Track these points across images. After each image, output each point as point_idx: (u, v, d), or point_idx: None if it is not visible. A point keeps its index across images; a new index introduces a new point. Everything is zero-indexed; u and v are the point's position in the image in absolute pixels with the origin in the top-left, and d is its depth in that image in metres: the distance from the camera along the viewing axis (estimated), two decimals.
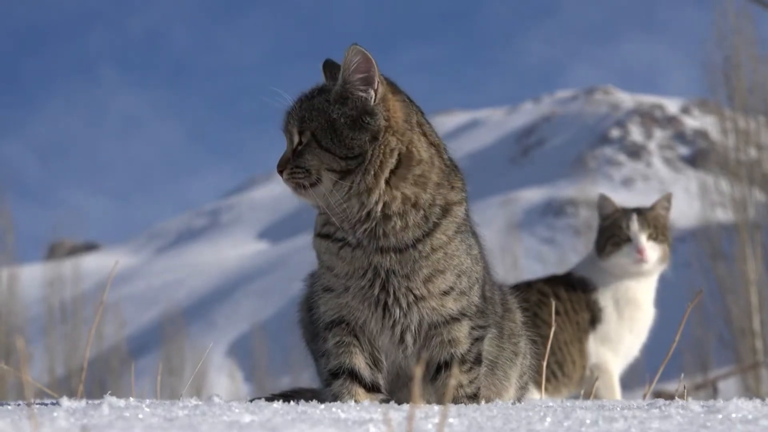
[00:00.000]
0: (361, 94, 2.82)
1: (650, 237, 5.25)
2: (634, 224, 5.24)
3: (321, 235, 2.92)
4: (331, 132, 2.81)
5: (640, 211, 5.33)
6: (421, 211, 2.84)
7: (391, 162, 2.81)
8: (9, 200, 30.11)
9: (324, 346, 2.95)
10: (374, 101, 2.82)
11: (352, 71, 2.82)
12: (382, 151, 2.80)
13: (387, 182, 2.81)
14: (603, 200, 5.40)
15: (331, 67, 2.99)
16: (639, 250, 5.20)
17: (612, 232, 5.27)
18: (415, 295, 2.87)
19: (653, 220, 5.31)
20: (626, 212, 5.32)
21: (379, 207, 2.81)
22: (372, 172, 2.79)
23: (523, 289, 5.20)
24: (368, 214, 2.81)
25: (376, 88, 2.82)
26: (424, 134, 2.90)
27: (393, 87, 2.89)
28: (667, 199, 5.42)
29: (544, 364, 3.81)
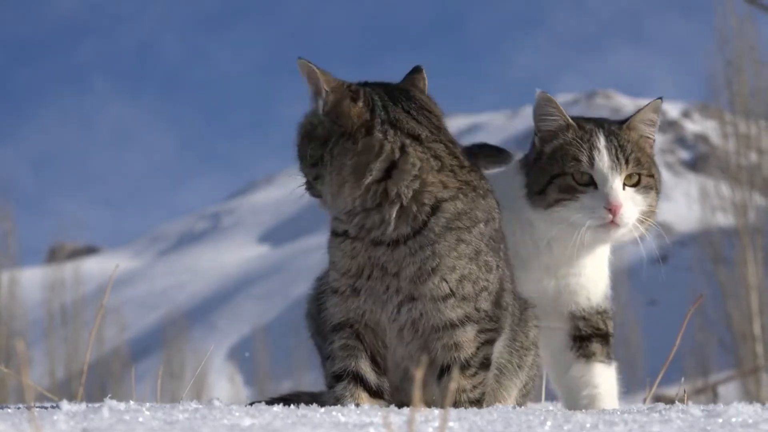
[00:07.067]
0: (314, 105, 2.98)
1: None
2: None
3: (331, 232, 2.99)
4: (308, 140, 3.00)
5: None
6: (400, 205, 2.86)
7: (348, 162, 2.87)
8: (10, 203, 30.15)
9: (330, 348, 2.95)
10: (324, 109, 2.93)
11: (307, 82, 2.98)
12: (336, 153, 2.89)
13: (355, 179, 2.87)
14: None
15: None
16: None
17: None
18: (404, 294, 2.87)
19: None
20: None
21: (354, 202, 2.88)
22: (330, 174, 2.91)
23: None
24: (351, 209, 2.90)
25: (324, 97, 2.93)
26: (399, 129, 2.91)
27: (354, 93, 2.93)
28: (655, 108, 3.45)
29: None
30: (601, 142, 3.31)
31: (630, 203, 3.29)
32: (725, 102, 23.03)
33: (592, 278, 3.54)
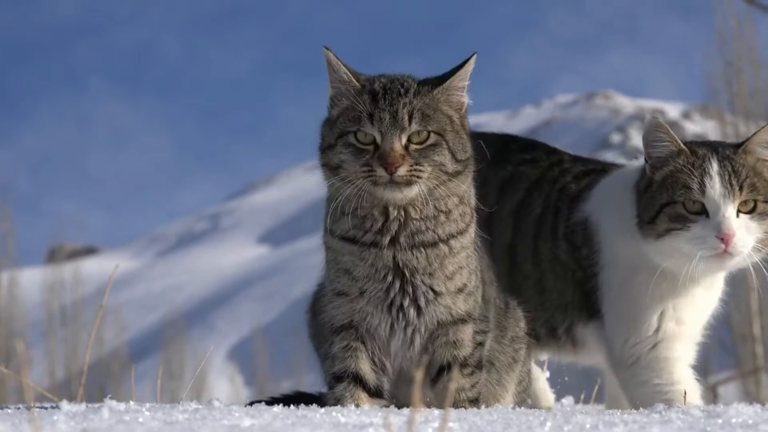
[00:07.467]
0: (463, 100, 2.90)
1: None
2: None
3: (345, 239, 2.89)
4: (454, 133, 2.85)
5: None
6: (460, 208, 2.91)
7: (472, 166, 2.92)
8: (9, 204, 30.16)
9: (330, 349, 2.95)
10: (465, 108, 2.93)
11: (467, 77, 2.89)
12: (472, 152, 2.90)
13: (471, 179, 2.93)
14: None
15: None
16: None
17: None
18: (435, 292, 2.88)
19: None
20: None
21: (450, 206, 2.87)
22: (469, 176, 2.89)
23: None
24: (435, 212, 2.85)
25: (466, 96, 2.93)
26: None
27: None
28: None
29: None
30: (714, 167, 3.19)
31: (744, 231, 3.18)
32: (725, 103, 23.02)
33: (696, 310, 3.48)
